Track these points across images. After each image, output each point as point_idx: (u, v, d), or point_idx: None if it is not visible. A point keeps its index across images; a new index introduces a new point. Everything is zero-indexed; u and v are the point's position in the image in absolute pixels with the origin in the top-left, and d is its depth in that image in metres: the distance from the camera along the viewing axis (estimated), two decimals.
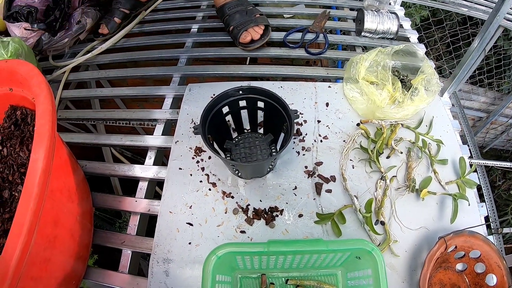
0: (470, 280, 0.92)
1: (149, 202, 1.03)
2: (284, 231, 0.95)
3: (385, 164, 1.06)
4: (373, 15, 1.41)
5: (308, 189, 1.02)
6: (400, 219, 0.97)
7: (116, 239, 0.99)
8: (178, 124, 1.15)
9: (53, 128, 0.68)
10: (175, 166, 1.06)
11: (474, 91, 3.31)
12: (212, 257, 0.71)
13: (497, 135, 3.70)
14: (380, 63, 1.15)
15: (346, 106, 1.20)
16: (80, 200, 0.90)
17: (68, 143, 1.09)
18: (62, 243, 0.80)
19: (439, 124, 1.18)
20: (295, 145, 1.10)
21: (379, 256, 0.73)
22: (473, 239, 0.88)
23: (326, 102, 1.21)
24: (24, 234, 0.58)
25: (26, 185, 0.61)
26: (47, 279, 0.76)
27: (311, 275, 0.89)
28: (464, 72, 1.20)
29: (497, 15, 1.04)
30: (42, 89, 0.72)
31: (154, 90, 1.31)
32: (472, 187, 1.05)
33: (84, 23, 1.47)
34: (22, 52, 1.24)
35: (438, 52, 3.16)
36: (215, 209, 0.98)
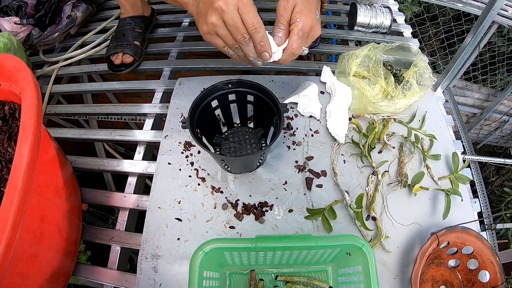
0: (463, 277, 0.92)
1: (138, 197, 1.03)
2: (274, 226, 0.94)
3: (377, 159, 1.06)
4: (366, 9, 1.40)
5: (299, 184, 1.01)
6: (392, 215, 0.97)
7: (105, 235, 0.98)
8: (168, 119, 1.14)
9: (38, 123, 0.67)
10: (164, 161, 1.05)
11: (468, 87, 3.31)
12: (199, 252, 0.70)
13: (491, 131, 3.71)
14: (372, 58, 1.15)
15: None
16: (68, 196, 0.89)
17: (57, 139, 1.08)
18: (49, 239, 0.79)
19: (432, 119, 1.17)
20: (285, 139, 1.10)
21: (369, 253, 0.73)
22: (466, 235, 0.88)
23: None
24: (8, 229, 0.57)
25: (11, 180, 0.61)
26: (34, 275, 0.75)
27: (301, 271, 0.88)
28: (457, 67, 1.20)
29: (491, 9, 1.03)
30: (28, 83, 0.71)
31: (144, 84, 1.30)
32: (465, 182, 1.05)
33: (75, 17, 1.45)
34: (12, 47, 1.22)
35: (432, 48, 3.16)
36: (204, 204, 0.97)
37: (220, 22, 0.77)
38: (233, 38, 0.79)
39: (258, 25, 0.78)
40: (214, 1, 0.75)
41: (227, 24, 0.77)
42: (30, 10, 1.33)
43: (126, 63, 1.30)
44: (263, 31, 0.79)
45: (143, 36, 1.37)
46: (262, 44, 0.81)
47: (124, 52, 1.29)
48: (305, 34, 0.85)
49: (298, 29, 0.83)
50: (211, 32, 0.80)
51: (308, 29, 0.84)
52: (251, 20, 0.77)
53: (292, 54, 0.86)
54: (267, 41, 0.81)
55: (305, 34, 0.85)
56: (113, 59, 1.30)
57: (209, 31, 0.80)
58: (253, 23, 0.77)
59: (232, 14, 0.75)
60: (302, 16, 0.83)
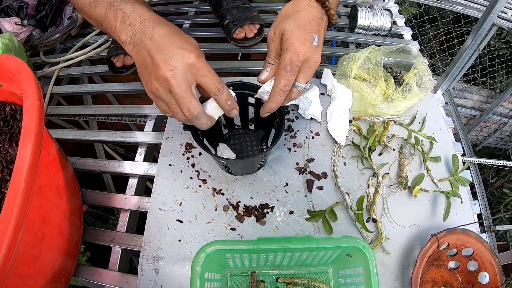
0: (463, 278, 0.92)
1: (139, 199, 1.03)
2: (275, 228, 0.95)
3: (377, 161, 1.06)
4: (366, 11, 1.40)
5: (299, 186, 1.01)
6: (392, 217, 0.97)
7: (105, 236, 0.98)
8: (169, 120, 1.14)
9: (40, 124, 0.67)
10: (165, 162, 1.05)
11: (467, 89, 3.32)
12: (201, 254, 0.70)
13: (490, 133, 3.71)
14: (373, 61, 1.15)
15: None
16: (69, 197, 0.89)
17: (58, 140, 1.08)
18: (50, 240, 0.79)
19: (432, 121, 1.17)
20: (286, 141, 1.10)
21: (370, 254, 0.73)
22: (465, 237, 0.88)
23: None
24: (10, 231, 0.57)
25: (13, 181, 0.60)
26: (35, 276, 0.75)
27: (302, 272, 0.89)
28: (457, 69, 1.20)
29: (492, 12, 1.03)
30: (30, 84, 0.71)
31: None
32: (465, 184, 1.05)
33: (76, 18, 1.45)
34: (13, 48, 1.22)
35: (432, 50, 3.17)
36: (205, 206, 0.97)
37: (164, 91, 0.70)
38: (179, 109, 0.72)
39: (221, 85, 0.72)
40: (159, 66, 0.67)
41: (174, 94, 0.69)
42: (31, 11, 1.33)
43: (127, 65, 1.30)
44: (226, 90, 0.73)
45: None
46: (229, 103, 0.75)
47: (126, 53, 1.29)
48: (295, 67, 0.74)
49: (286, 62, 0.73)
50: (155, 94, 0.72)
51: (299, 60, 0.74)
52: (213, 83, 0.71)
53: (281, 92, 0.77)
54: (232, 99, 0.76)
55: (295, 67, 0.74)
56: (114, 61, 1.30)
57: (153, 92, 0.72)
58: (215, 85, 0.71)
59: (181, 86, 0.68)
60: (290, 46, 0.73)
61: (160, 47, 0.68)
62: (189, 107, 0.70)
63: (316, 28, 0.76)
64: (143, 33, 0.70)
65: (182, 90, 0.68)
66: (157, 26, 0.71)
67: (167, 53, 0.67)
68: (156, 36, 0.69)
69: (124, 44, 0.74)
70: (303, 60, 0.74)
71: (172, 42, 0.69)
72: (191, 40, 0.72)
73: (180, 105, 0.70)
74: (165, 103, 0.72)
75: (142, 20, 0.71)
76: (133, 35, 0.72)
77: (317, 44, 0.75)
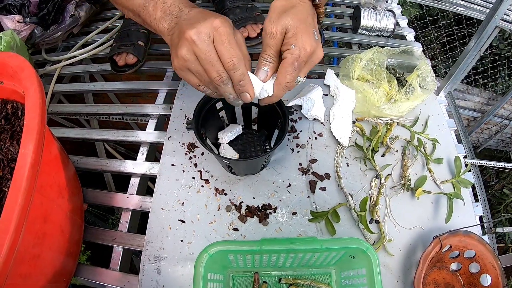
0: (465, 280, 0.92)
1: (141, 198, 1.02)
2: (277, 229, 0.94)
3: (380, 162, 1.05)
4: (370, 12, 1.40)
5: (302, 187, 1.01)
6: (395, 218, 0.97)
7: (107, 235, 0.98)
8: (171, 120, 1.14)
9: (42, 122, 0.67)
10: (167, 162, 1.05)
11: (469, 91, 3.32)
12: (204, 255, 0.70)
13: (491, 135, 3.71)
14: (376, 62, 1.15)
15: None
16: (71, 196, 0.88)
17: (59, 138, 1.08)
18: (51, 240, 0.78)
19: (434, 123, 1.17)
20: (289, 142, 1.10)
21: (373, 256, 0.73)
22: (468, 238, 0.88)
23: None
24: (11, 230, 0.56)
25: (15, 180, 0.60)
26: (36, 276, 0.75)
27: (304, 273, 0.88)
28: (460, 71, 1.20)
29: (495, 15, 1.03)
30: (32, 82, 0.70)
31: (147, 85, 1.30)
32: (467, 186, 1.05)
33: (78, 17, 1.45)
34: (14, 45, 1.22)
35: (433, 51, 3.16)
36: (208, 206, 0.97)
37: (192, 56, 0.67)
38: (207, 76, 0.69)
39: (236, 60, 0.67)
40: (185, 30, 0.65)
41: (200, 59, 0.67)
42: (33, 9, 1.33)
43: (130, 63, 1.29)
44: (242, 68, 0.68)
45: (147, 37, 1.37)
46: (241, 83, 0.70)
47: (128, 52, 1.28)
48: (302, 62, 0.72)
49: (294, 58, 0.70)
50: (182, 68, 0.70)
51: (306, 56, 0.72)
52: (228, 54, 0.66)
53: (286, 88, 0.74)
54: (248, 80, 0.70)
55: (302, 62, 0.72)
56: (116, 59, 1.29)
57: (180, 67, 0.70)
58: (231, 58, 0.66)
59: (205, 47, 0.65)
60: (297, 41, 0.70)
61: (190, 20, 0.68)
62: (218, 70, 0.67)
63: (314, 23, 0.75)
64: (180, 17, 0.71)
65: (208, 53, 0.66)
66: (192, 10, 0.71)
67: (195, 22, 0.66)
68: (189, 16, 0.70)
69: (163, 33, 0.75)
70: (309, 55, 0.72)
71: (203, 16, 0.68)
72: (223, 16, 0.69)
73: (208, 70, 0.68)
74: (193, 73, 0.71)
75: (180, 8, 0.72)
76: (171, 22, 0.72)
77: (318, 39, 0.74)
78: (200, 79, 0.71)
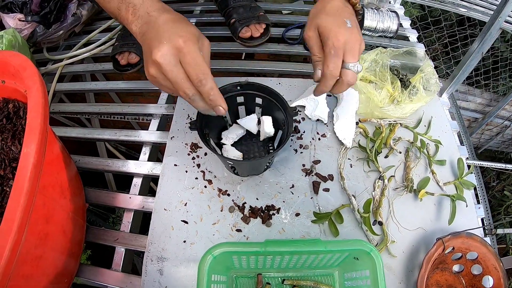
0: (467, 282, 0.92)
1: (143, 198, 1.02)
2: (280, 230, 0.94)
3: (383, 164, 1.05)
4: (373, 13, 1.40)
5: (306, 188, 1.01)
6: (398, 220, 0.97)
7: (109, 236, 0.97)
8: (174, 120, 1.13)
9: (45, 122, 0.66)
10: (170, 162, 1.04)
11: (470, 92, 3.32)
12: (208, 256, 0.70)
13: (492, 136, 3.71)
14: (379, 63, 1.14)
15: None
16: (73, 196, 0.88)
17: (61, 137, 1.07)
18: (54, 240, 0.78)
19: (437, 124, 1.17)
20: (292, 142, 1.09)
21: (377, 257, 0.72)
22: (470, 240, 0.88)
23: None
24: (14, 231, 0.56)
25: (17, 180, 0.60)
26: (38, 276, 0.74)
27: (307, 275, 0.88)
28: (463, 73, 1.19)
29: (499, 16, 1.03)
30: (34, 82, 0.70)
31: (149, 84, 1.28)
32: (469, 188, 1.05)
33: (80, 15, 1.44)
34: (16, 44, 1.22)
35: (435, 52, 3.16)
36: (211, 206, 0.97)
37: (160, 75, 0.72)
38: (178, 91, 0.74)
39: (202, 77, 0.70)
40: (152, 51, 0.69)
41: (170, 80, 0.71)
42: (35, 7, 1.32)
43: (132, 63, 1.29)
44: (210, 83, 0.72)
45: None
46: (211, 98, 0.73)
47: (130, 51, 1.27)
48: (339, 50, 0.78)
49: (329, 48, 0.78)
50: (154, 82, 0.75)
51: (340, 43, 0.77)
52: (194, 72, 0.70)
53: (331, 76, 0.80)
54: (217, 93, 0.73)
55: (339, 50, 0.78)
56: (118, 59, 1.29)
57: (152, 81, 0.75)
58: (197, 76, 0.70)
59: (170, 68, 0.69)
60: (329, 34, 0.78)
61: (158, 34, 0.70)
62: (184, 90, 0.72)
63: (345, 14, 0.82)
64: (149, 23, 0.74)
65: (175, 75, 0.70)
66: (161, 15, 0.73)
67: (160, 39, 0.69)
68: (157, 23, 0.72)
69: (136, 35, 0.78)
70: (344, 42, 0.78)
71: (169, 28, 0.71)
72: (189, 27, 0.73)
73: (176, 89, 0.72)
74: (165, 86, 0.74)
75: (149, 12, 0.75)
76: (141, 26, 0.76)
77: (351, 26, 0.80)
78: (172, 91, 0.76)
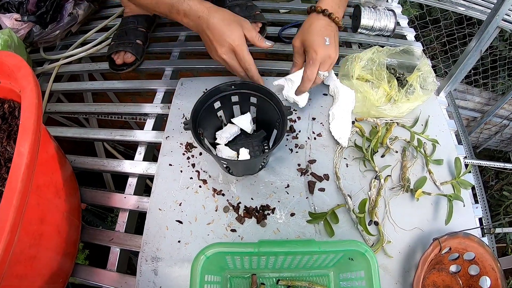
0: (464, 282, 0.92)
1: (139, 198, 1.02)
2: (275, 230, 0.94)
3: (379, 163, 1.05)
4: (370, 11, 1.39)
5: (301, 188, 1.00)
6: (394, 220, 0.96)
7: (104, 236, 0.97)
8: (169, 119, 1.13)
9: (38, 122, 0.66)
10: (165, 162, 1.04)
11: (469, 91, 3.31)
12: (201, 256, 0.69)
13: (491, 136, 3.70)
14: (376, 61, 1.14)
15: None
16: (68, 196, 0.88)
17: (57, 137, 1.07)
18: (48, 240, 0.78)
19: (434, 123, 1.16)
20: (288, 142, 1.09)
21: (372, 258, 0.72)
22: (467, 241, 0.87)
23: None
24: (7, 231, 0.56)
25: (10, 180, 0.60)
26: (32, 277, 0.74)
27: (302, 275, 0.88)
28: (461, 71, 1.19)
29: (496, 15, 1.03)
30: (28, 82, 0.70)
31: (145, 83, 1.29)
32: (467, 188, 1.05)
33: (76, 15, 1.44)
34: (12, 44, 1.21)
35: (433, 51, 3.16)
36: (206, 206, 0.96)
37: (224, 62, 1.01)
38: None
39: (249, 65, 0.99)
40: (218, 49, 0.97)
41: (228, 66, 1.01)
42: (31, 7, 1.32)
43: (128, 62, 1.29)
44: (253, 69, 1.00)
45: (145, 35, 1.36)
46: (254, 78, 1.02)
47: (126, 51, 1.27)
48: (316, 61, 1.00)
49: (308, 59, 1.01)
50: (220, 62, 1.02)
51: (318, 57, 0.99)
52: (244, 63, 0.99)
53: (308, 80, 1.02)
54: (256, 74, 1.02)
55: (316, 61, 1.00)
56: (114, 58, 1.29)
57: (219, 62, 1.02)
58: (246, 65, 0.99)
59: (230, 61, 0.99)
60: (310, 48, 1.00)
61: (215, 37, 0.96)
62: (238, 71, 1.02)
63: (326, 33, 1.01)
64: (201, 26, 0.97)
65: (232, 64, 1.00)
66: (209, 17, 0.95)
67: (220, 42, 0.96)
68: (210, 26, 0.95)
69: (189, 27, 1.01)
70: (321, 56, 0.99)
71: (222, 33, 0.95)
72: (236, 30, 0.96)
73: (233, 70, 1.03)
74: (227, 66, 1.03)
75: (198, 16, 0.96)
76: (195, 25, 0.98)
77: (329, 44, 1.00)
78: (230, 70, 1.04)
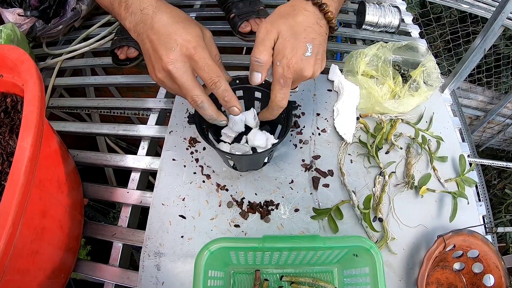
0: (467, 280, 0.91)
1: (141, 193, 1.01)
2: (279, 225, 0.93)
3: (384, 160, 1.04)
4: (374, 8, 1.39)
5: (305, 183, 1.00)
6: (398, 216, 0.96)
7: (107, 231, 0.97)
8: (173, 114, 1.12)
9: (41, 116, 0.66)
10: (168, 156, 1.03)
11: (472, 90, 3.30)
12: (205, 252, 0.69)
13: (494, 135, 3.70)
14: (381, 58, 1.13)
15: None
16: (70, 191, 0.87)
17: (60, 132, 1.07)
18: (50, 235, 0.77)
19: (439, 120, 1.16)
20: (292, 137, 1.08)
21: (377, 254, 0.72)
22: (472, 238, 0.87)
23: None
24: (8, 225, 0.55)
25: (12, 174, 0.59)
26: (34, 271, 0.74)
27: (306, 271, 0.87)
28: (465, 69, 1.19)
29: (502, 12, 1.02)
30: (31, 75, 0.69)
31: (148, 78, 1.28)
32: (471, 185, 1.04)
33: (79, 10, 1.43)
34: (15, 39, 1.21)
35: (437, 49, 3.15)
36: (209, 201, 0.96)
37: (169, 81, 0.72)
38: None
39: (216, 79, 0.70)
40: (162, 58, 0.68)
41: (179, 86, 0.71)
42: (34, 2, 1.32)
43: (131, 57, 1.28)
44: (224, 84, 0.72)
45: None
46: (226, 99, 0.73)
47: (129, 45, 1.27)
48: (288, 79, 0.73)
49: (278, 76, 0.73)
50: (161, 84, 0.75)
51: (291, 74, 0.72)
52: (208, 76, 0.70)
53: (278, 107, 0.78)
54: (231, 94, 0.73)
55: (288, 79, 0.73)
56: (117, 53, 1.28)
57: (159, 83, 0.75)
58: (211, 78, 0.70)
59: (180, 75, 0.69)
60: (282, 57, 0.71)
61: (160, 39, 0.69)
62: (192, 96, 0.71)
63: (310, 37, 0.73)
64: (144, 22, 0.71)
65: (185, 81, 0.69)
66: (156, 14, 0.70)
67: (167, 45, 0.68)
68: (156, 25, 0.70)
69: (130, 32, 0.75)
70: (294, 72, 0.72)
71: (172, 32, 0.69)
72: (191, 28, 0.71)
73: (185, 94, 0.72)
74: (172, 89, 0.74)
75: (142, 8, 0.71)
76: (136, 24, 0.73)
77: (311, 55, 0.73)
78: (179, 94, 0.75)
